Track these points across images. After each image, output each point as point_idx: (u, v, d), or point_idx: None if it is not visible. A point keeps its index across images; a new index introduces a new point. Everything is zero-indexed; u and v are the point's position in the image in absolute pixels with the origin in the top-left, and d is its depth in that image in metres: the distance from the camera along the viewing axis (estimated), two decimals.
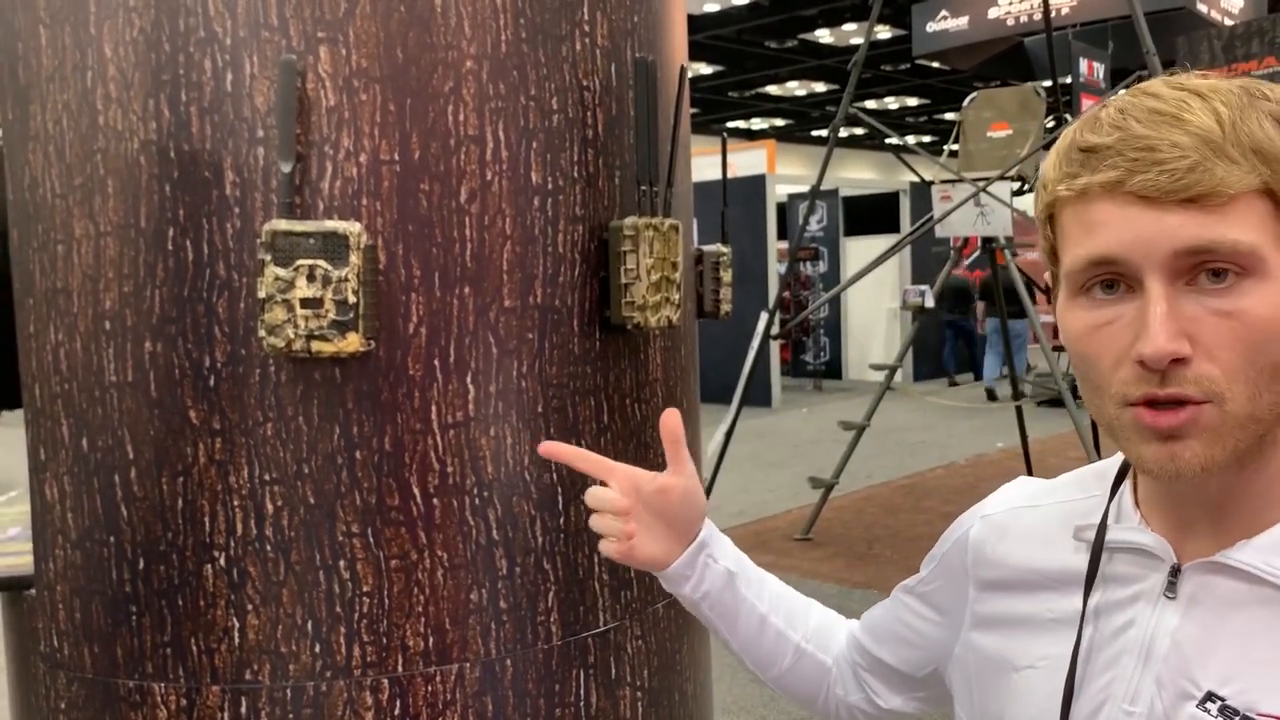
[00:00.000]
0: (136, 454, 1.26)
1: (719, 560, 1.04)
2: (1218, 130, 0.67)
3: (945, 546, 0.97)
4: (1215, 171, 0.66)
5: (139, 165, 1.24)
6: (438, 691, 1.28)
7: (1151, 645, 0.76)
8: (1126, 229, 0.68)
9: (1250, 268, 0.67)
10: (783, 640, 1.06)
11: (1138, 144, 0.68)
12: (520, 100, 1.31)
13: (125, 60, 1.23)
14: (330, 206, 1.23)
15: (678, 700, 1.53)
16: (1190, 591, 0.75)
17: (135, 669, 1.27)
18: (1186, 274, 0.68)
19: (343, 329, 1.17)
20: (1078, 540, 0.83)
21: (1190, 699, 0.73)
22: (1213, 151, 0.67)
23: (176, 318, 1.24)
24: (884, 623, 1.04)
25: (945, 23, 10.24)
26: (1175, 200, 0.67)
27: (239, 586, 1.25)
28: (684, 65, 1.57)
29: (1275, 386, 0.69)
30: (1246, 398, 0.68)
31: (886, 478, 8.16)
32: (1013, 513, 0.92)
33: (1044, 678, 0.82)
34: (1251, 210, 0.67)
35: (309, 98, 1.22)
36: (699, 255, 1.70)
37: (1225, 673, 0.72)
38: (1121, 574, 0.80)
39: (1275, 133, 0.68)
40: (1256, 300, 0.67)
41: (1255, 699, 0.70)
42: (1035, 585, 0.86)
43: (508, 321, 1.31)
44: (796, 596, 1.10)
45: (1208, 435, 0.69)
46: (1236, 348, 0.67)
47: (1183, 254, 0.67)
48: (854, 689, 1.06)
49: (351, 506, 1.25)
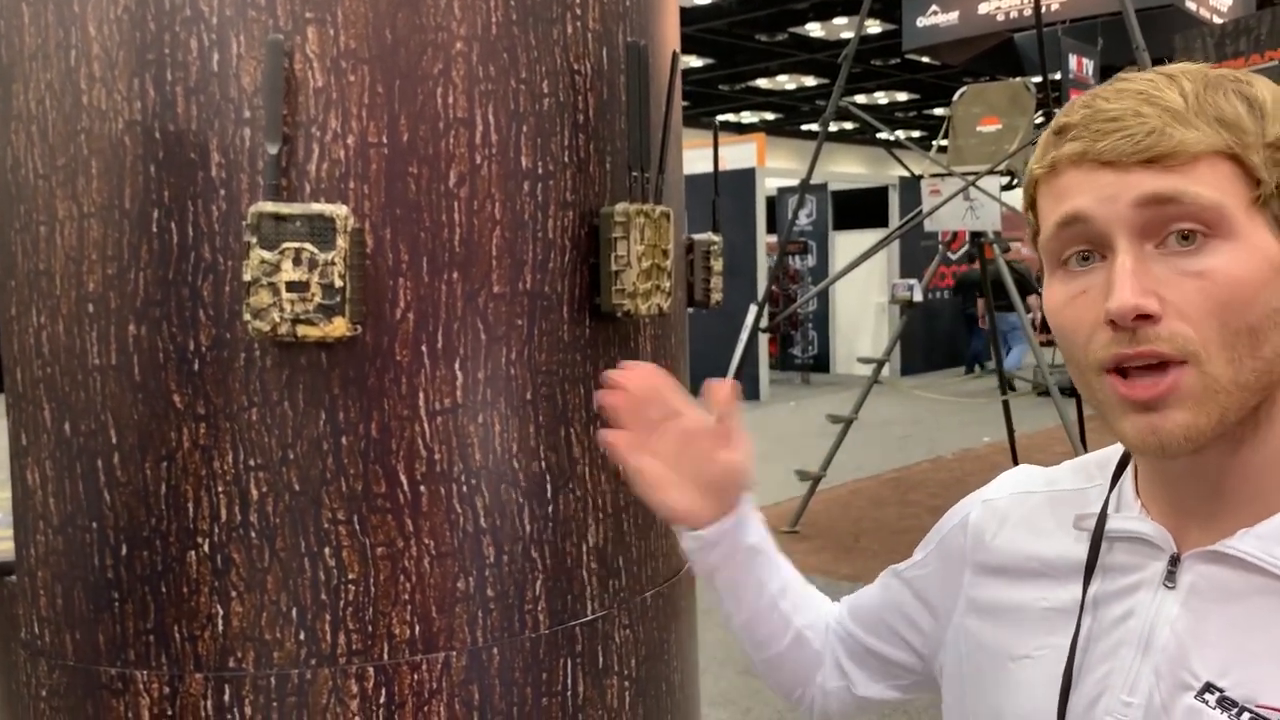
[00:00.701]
0: (119, 438, 1.24)
1: (749, 536, 1.03)
2: (1181, 102, 0.69)
3: (944, 530, 0.96)
4: (1175, 134, 0.68)
5: (123, 146, 1.22)
6: (424, 680, 1.27)
7: (1151, 635, 0.75)
8: (1092, 188, 0.70)
9: (1216, 226, 0.68)
10: (786, 623, 1.05)
11: (1103, 117, 0.70)
12: (510, 83, 1.29)
13: (109, 39, 1.22)
14: (317, 189, 1.21)
15: (665, 690, 1.52)
16: (1190, 581, 0.74)
17: (117, 656, 1.26)
18: (1155, 235, 0.69)
19: (329, 313, 1.15)
20: (1078, 529, 0.82)
21: (1189, 689, 0.72)
22: (1175, 119, 0.68)
23: (161, 301, 1.22)
24: (872, 609, 1.03)
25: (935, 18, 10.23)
26: (1137, 161, 0.68)
27: (223, 573, 1.23)
28: (676, 51, 1.55)
29: (1256, 352, 0.68)
30: (1225, 360, 0.68)
31: (874, 471, 8.18)
32: (1014, 499, 0.91)
33: (1041, 668, 0.81)
34: (1215, 171, 0.68)
35: (296, 78, 1.20)
36: (690, 244, 1.69)
37: (1224, 663, 0.71)
38: (1121, 563, 0.79)
39: (1242, 107, 0.69)
40: (1226, 260, 0.67)
41: (1254, 690, 0.69)
42: (1034, 573, 0.85)
43: (496, 307, 1.30)
44: (804, 583, 1.09)
45: (1190, 402, 0.68)
46: (1208, 307, 0.67)
47: (1147, 202, 0.68)
48: (833, 675, 1.05)
49: (337, 493, 1.24)
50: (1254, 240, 0.68)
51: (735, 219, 11.97)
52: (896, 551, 1.08)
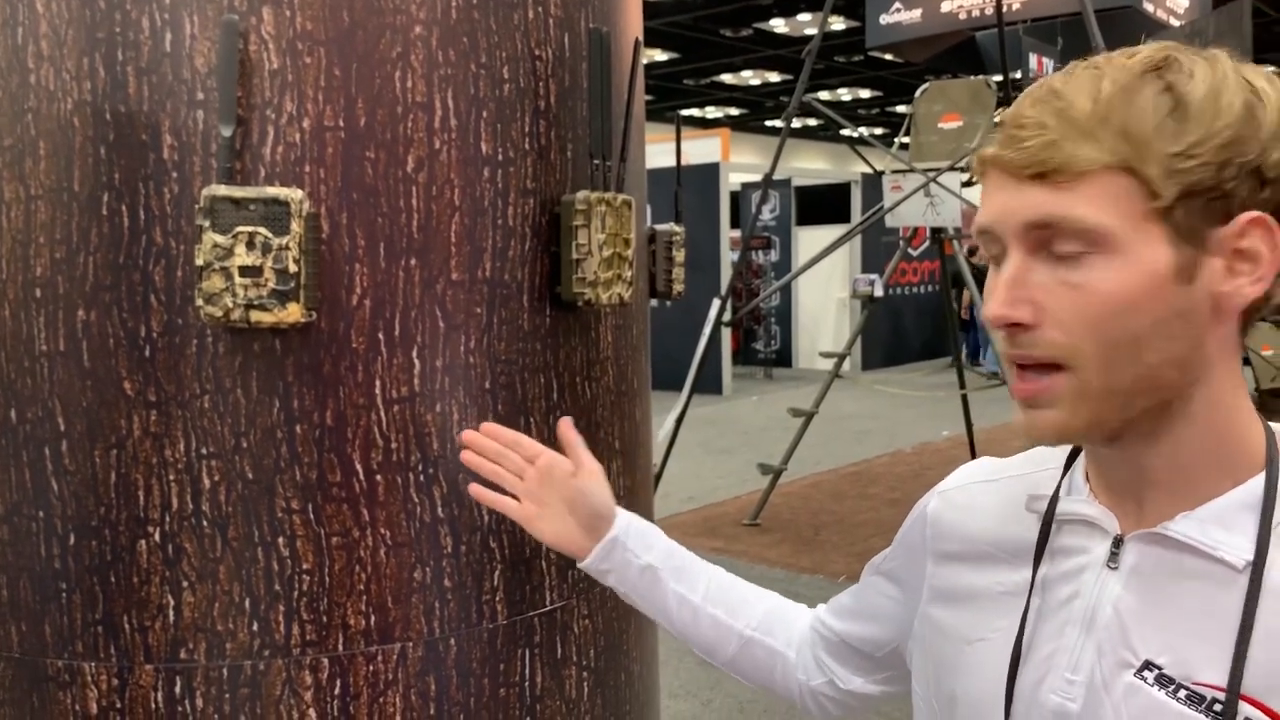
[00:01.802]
0: (68, 426, 1.22)
1: (640, 556, 1.12)
2: (1087, 110, 0.70)
3: (906, 526, 0.99)
4: (1066, 149, 0.70)
5: (72, 126, 1.19)
6: (379, 671, 1.26)
7: (1094, 615, 0.77)
8: (996, 201, 0.74)
9: (1098, 244, 0.70)
10: (724, 629, 1.10)
11: (1018, 122, 0.72)
12: (470, 68, 1.28)
13: (58, 16, 1.19)
14: (272, 173, 1.19)
15: (624, 680, 1.52)
16: (1132, 562, 0.76)
17: (64, 648, 1.23)
18: (1044, 245, 0.72)
19: (283, 299, 1.14)
20: (1029, 511, 0.84)
21: (1129, 667, 0.74)
22: (1073, 130, 0.70)
23: (111, 285, 1.20)
24: (850, 604, 1.06)
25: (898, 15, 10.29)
26: (1029, 175, 0.71)
27: (174, 563, 1.21)
28: (638, 39, 1.55)
29: (1138, 359, 0.71)
30: (1099, 368, 0.71)
31: (834, 465, 8.23)
32: (968, 489, 0.93)
33: (994, 650, 0.83)
34: (1104, 188, 0.69)
35: (251, 60, 1.18)
36: (652, 234, 1.68)
37: (1163, 642, 0.73)
38: (1069, 545, 0.81)
39: (1156, 113, 0.69)
40: (1101, 275, 0.70)
41: (1191, 669, 0.72)
42: (989, 558, 0.87)
43: (455, 295, 1.28)
44: (743, 587, 1.14)
45: (1062, 404, 0.72)
46: (1082, 319, 0.71)
47: (1031, 227, 0.71)
48: (816, 673, 1.08)
49: (291, 482, 1.22)
50: (1140, 254, 0.70)
51: (699, 214, 11.98)
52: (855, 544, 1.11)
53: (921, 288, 14.99)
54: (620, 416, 1.51)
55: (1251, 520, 0.72)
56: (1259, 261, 0.71)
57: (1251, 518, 0.72)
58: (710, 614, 1.10)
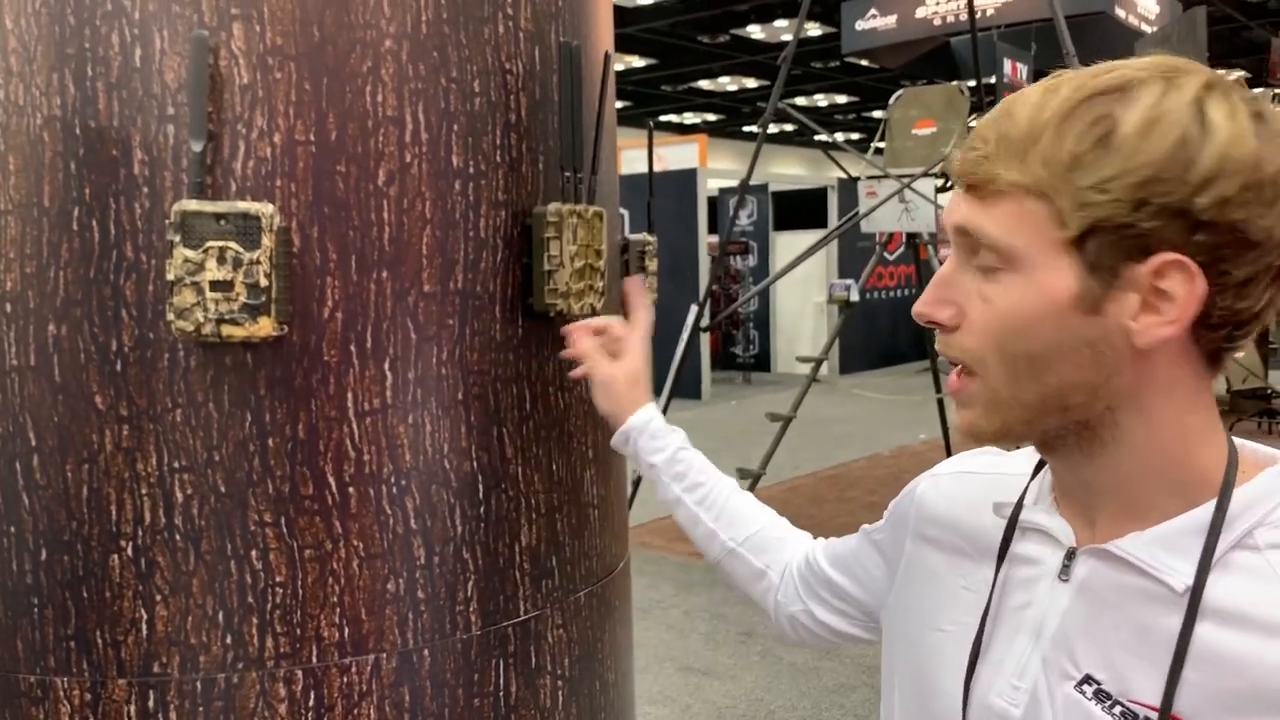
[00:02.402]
0: (39, 440, 1.22)
1: (649, 455, 1.25)
2: (1024, 129, 0.72)
3: (898, 499, 1.03)
4: (991, 167, 0.72)
5: (42, 142, 1.20)
6: (353, 682, 1.26)
7: (1043, 624, 0.79)
8: (951, 199, 0.78)
9: (1008, 261, 0.73)
10: (712, 537, 1.21)
11: (975, 132, 0.77)
12: (441, 82, 1.29)
13: (27, 32, 1.19)
14: (243, 187, 1.20)
15: (599, 689, 1.53)
16: (1082, 576, 0.78)
17: (36, 663, 1.23)
18: (973, 254, 0.75)
19: (254, 313, 1.14)
20: (996, 516, 0.86)
21: (1070, 679, 0.76)
22: (1005, 149, 0.72)
23: (82, 300, 1.20)
24: (843, 556, 1.11)
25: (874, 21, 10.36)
26: (964, 185, 0.75)
27: (147, 577, 1.21)
28: (608, 52, 1.56)
29: (1039, 378, 0.73)
30: (1005, 379, 0.74)
31: (813, 469, 8.26)
32: (957, 476, 0.96)
33: (951, 643, 0.86)
34: (1019, 209, 0.71)
35: (222, 75, 1.19)
36: (624, 244, 1.69)
37: (1103, 657, 0.75)
38: (1028, 553, 0.83)
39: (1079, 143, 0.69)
40: (1005, 290, 0.73)
41: (1127, 686, 0.73)
42: (956, 549, 0.90)
43: (427, 307, 1.29)
44: (743, 502, 1.23)
45: (977, 406, 0.77)
46: (984, 329, 0.75)
47: (958, 232, 0.76)
48: (794, 600, 1.14)
49: (264, 495, 1.22)
50: (1045, 278, 0.71)
51: (677, 219, 12.01)
52: None
53: (898, 291, 15.07)
54: (594, 425, 1.52)
55: (1197, 545, 0.72)
56: (1172, 303, 0.70)
57: (1197, 543, 0.72)
58: (704, 521, 1.21)
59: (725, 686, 4.44)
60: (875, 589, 1.04)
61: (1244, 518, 0.72)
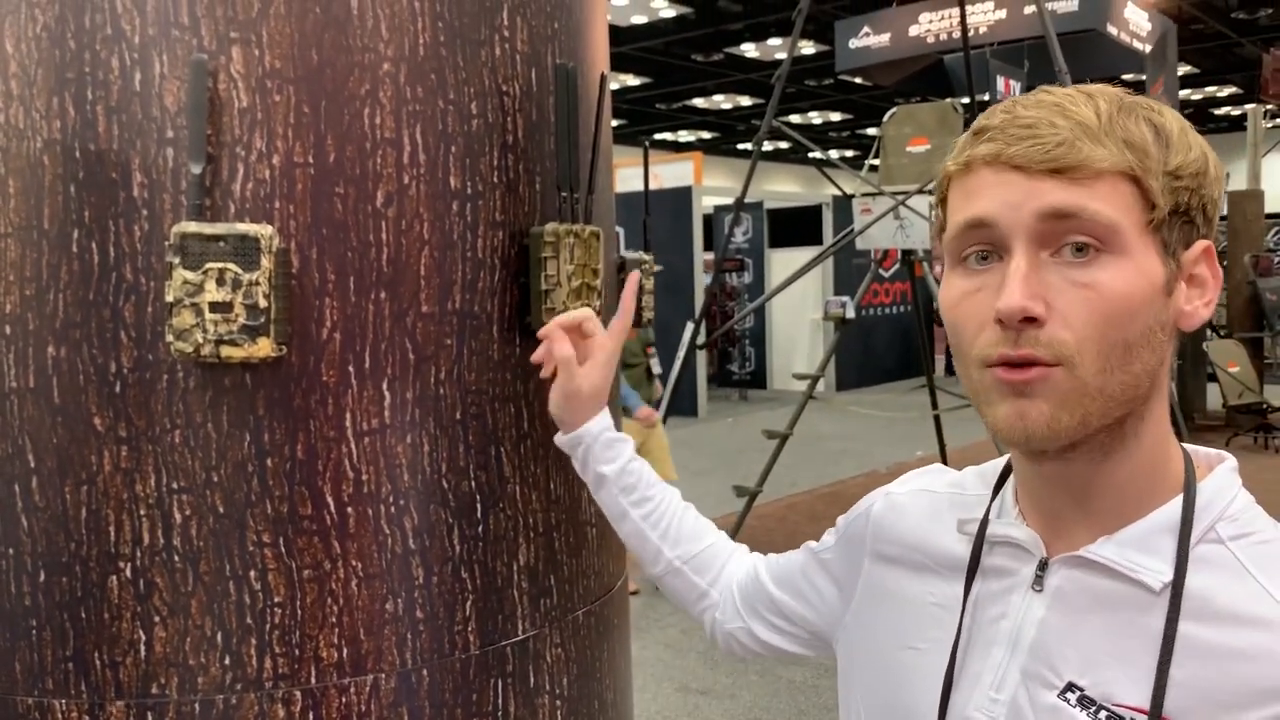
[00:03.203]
0: (38, 462, 1.22)
1: (596, 465, 1.19)
2: (1094, 119, 0.72)
3: (851, 517, 1.02)
4: (1083, 149, 0.71)
5: (42, 165, 1.20)
6: (352, 703, 1.26)
7: (1019, 636, 0.79)
8: (1000, 192, 0.73)
9: (1109, 242, 0.71)
10: (658, 554, 1.18)
11: (1020, 123, 0.73)
12: (439, 104, 1.30)
13: (28, 57, 1.20)
14: (242, 209, 1.20)
15: (597, 708, 1.52)
16: (1056, 584, 0.78)
17: (35, 685, 1.23)
18: (1052, 244, 0.72)
19: (253, 334, 1.15)
20: (961, 533, 0.87)
21: (1052, 688, 0.76)
22: (1086, 134, 0.72)
23: (81, 322, 1.20)
24: (789, 572, 1.09)
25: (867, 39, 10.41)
26: (1045, 169, 0.71)
27: (145, 598, 1.21)
28: (604, 73, 1.57)
29: (1127, 365, 0.72)
30: (1097, 369, 0.72)
31: (809, 486, 8.26)
32: (913, 494, 0.96)
33: (925, 660, 0.85)
34: (1116, 190, 0.72)
35: (221, 98, 1.20)
36: (621, 263, 1.70)
37: (1084, 663, 0.75)
38: (998, 567, 0.83)
39: (1149, 133, 0.73)
40: (1113, 275, 0.71)
41: (1111, 690, 0.73)
42: (922, 567, 0.90)
43: (425, 327, 1.30)
44: (692, 522, 1.20)
45: (1056, 398, 0.72)
46: (1090, 318, 0.71)
47: (1047, 216, 0.72)
48: (733, 617, 1.13)
49: (262, 515, 1.22)
50: (1142, 260, 0.72)
51: (673, 236, 12.04)
52: None
53: (893, 308, 15.10)
54: None
55: (1170, 542, 0.74)
56: (1206, 287, 0.76)
57: (1171, 540, 0.74)
58: (647, 535, 1.18)
59: (723, 706, 4.43)
60: (824, 608, 1.03)
61: (1206, 513, 0.75)
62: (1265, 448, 9.64)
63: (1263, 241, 11.79)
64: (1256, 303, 11.11)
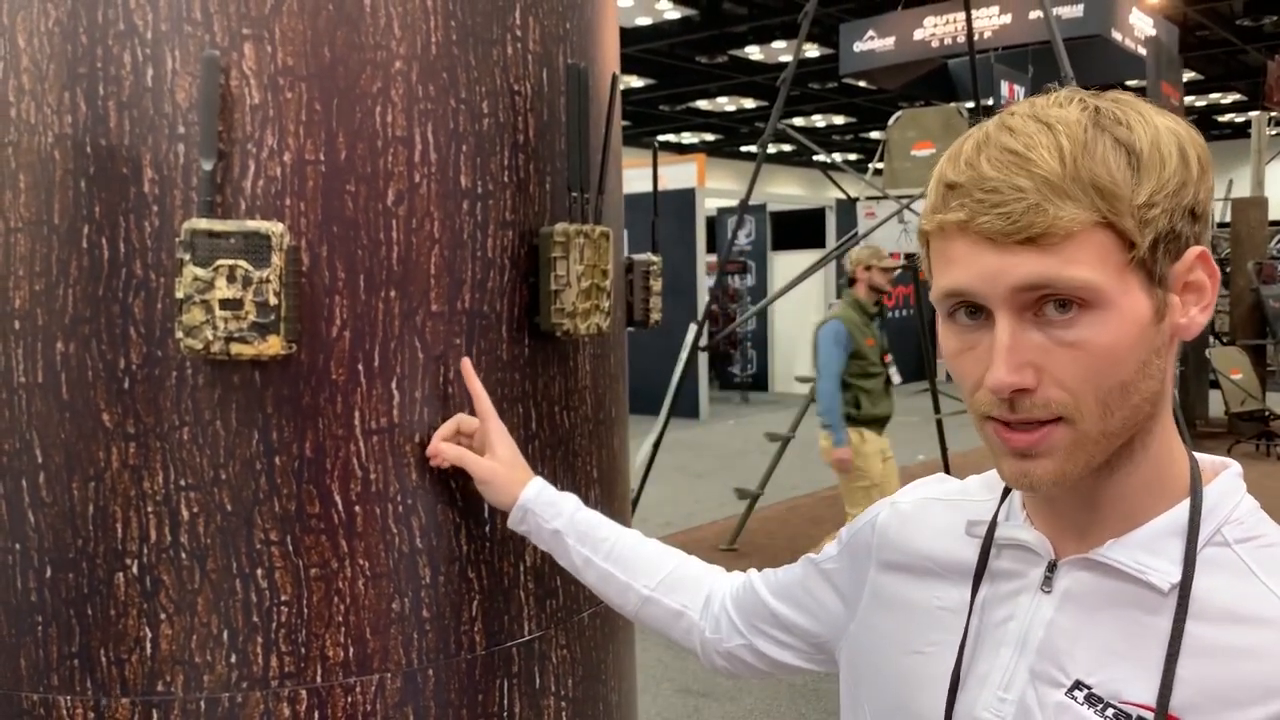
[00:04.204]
0: (46, 458, 1.22)
1: (549, 521, 1.22)
2: (1058, 170, 0.70)
3: (856, 527, 1.03)
4: (1050, 212, 0.70)
5: (53, 160, 1.20)
6: (358, 702, 1.26)
7: (1027, 636, 0.81)
8: (975, 265, 0.73)
9: (1090, 300, 0.71)
10: (625, 589, 1.19)
11: (985, 185, 0.72)
12: (450, 103, 1.29)
13: (40, 52, 1.20)
14: (252, 206, 1.20)
15: (602, 710, 1.52)
16: (1065, 586, 0.80)
17: (40, 681, 1.23)
18: (1032, 306, 0.72)
19: (263, 331, 1.14)
20: (969, 536, 0.88)
21: (1060, 687, 0.78)
22: (1052, 191, 0.70)
23: (90, 318, 1.20)
24: (786, 588, 1.10)
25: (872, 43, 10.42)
26: (1015, 240, 0.71)
27: (152, 595, 1.21)
28: (616, 73, 1.57)
29: (1126, 402, 0.74)
30: (1098, 417, 0.73)
31: (811, 489, 8.25)
32: (920, 503, 0.97)
33: (932, 663, 0.87)
34: (1089, 245, 0.71)
35: (232, 95, 1.19)
36: (629, 264, 1.70)
37: (1092, 663, 0.77)
38: (1006, 569, 0.85)
39: (1118, 167, 0.71)
40: (1098, 330, 0.71)
41: (1119, 688, 0.75)
42: (930, 573, 0.91)
43: (434, 326, 1.29)
44: (650, 549, 1.22)
45: (1060, 453, 0.74)
46: (1082, 374, 0.72)
47: (1023, 289, 0.72)
48: (732, 635, 1.13)
49: (270, 513, 1.22)
50: (1125, 305, 0.72)
51: (676, 239, 12.04)
52: None
53: (896, 312, 15.10)
54: (598, 445, 1.52)
55: (1178, 545, 0.76)
56: (1204, 291, 0.76)
57: (1178, 542, 0.76)
58: (612, 574, 1.19)
59: (725, 708, 4.42)
60: (828, 619, 1.03)
61: (1211, 517, 0.77)
62: (1267, 455, 9.63)
63: (1266, 249, 11.78)
64: (1259, 310, 11.11)
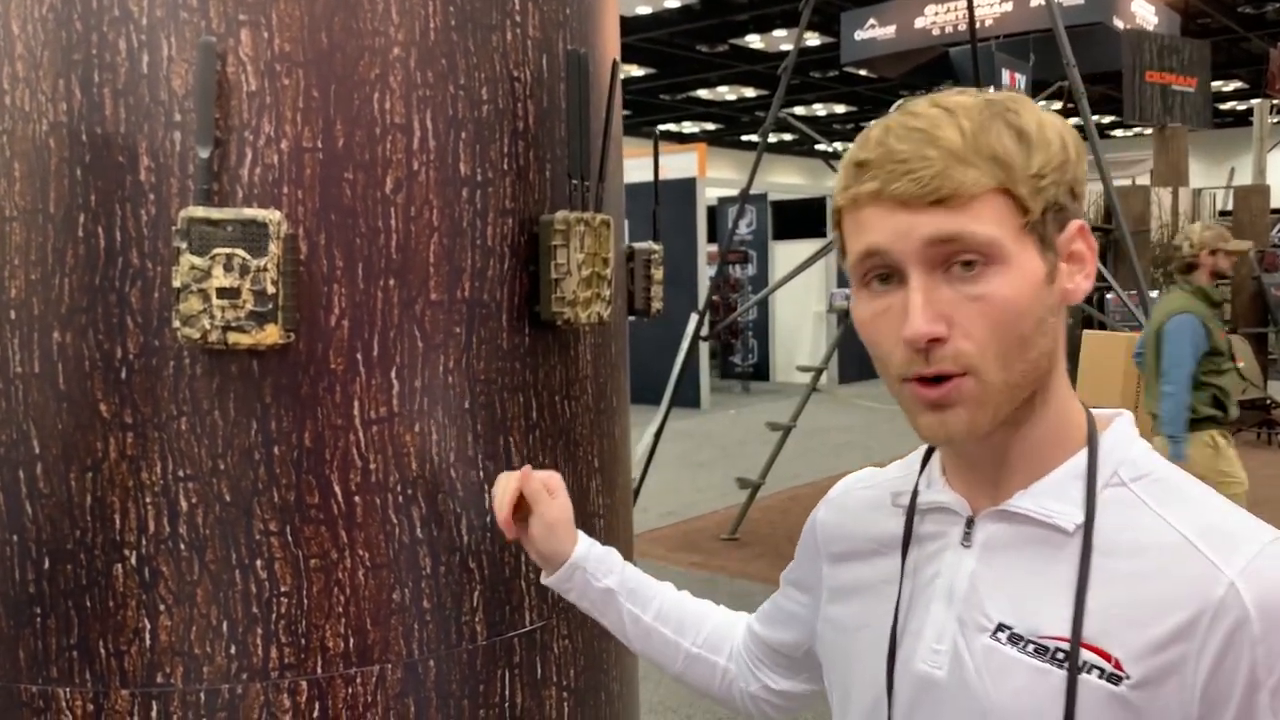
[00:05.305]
0: (43, 448, 1.21)
1: (600, 579, 1.18)
2: (960, 142, 0.79)
3: (803, 533, 1.09)
4: (956, 176, 0.78)
5: (48, 148, 1.19)
6: (358, 693, 1.25)
7: (953, 588, 0.87)
8: (888, 226, 0.81)
9: (992, 255, 0.79)
10: (671, 646, 1.19)
11: (895, 157, 0.80)
12: (449, 89, 1.28)
13: (34, 38, 1.18)
14: (250, 194, 1.19)
15: (604, 699, 1.51)
16: (982, 538, 0.87)
17: (39, 673, 1.22)
18: (942, 264, 0.80)
19: (261, 320, 1.13)
20: (895, 506, 0.95)
21: (985, 631, 0.84)
22: (956, 160, 0.79)
23: (87, 307, 1.19)
24: (770, 611, 1.15)
25: (873, 31, 10.39)
26: (925, 202, 0.79)
27: (151, 586, 1.20)
28: (616, 60, 1.55)
29: (1025, 356, 0.81)
30: (999, 368, 0.80)
31: (812, 478, 8.25)
32: (848, 493, 1.05)
33: (875, 634, 0.93)
34: (991, 207, 0.79)
35: (229, 81, 1.18)
36: (630, 252, 1.68)
37: (1011, 605, 0.83)
38: (931, 532, 0.91)
39: (1011, 143, 0.80)
40: (1000, 283, 0.79)
41: (1037, 624, 0.81)
42: (870, 553, 0.97)
43: (434, 315, 1.28)
44: (691, 605, 1.23)
45: (970, 403, 0.80)
46: (986, 325, 0.79)
47: (933, 242, 0.79)
48: (751, 679, 1.17)
49: (269, 504, 1.21)
50: (1023, 263, 0.80)
51: (676, 228, 12.01)
52: None
53: None
54: (599, 434, 1.52)
55: (1079, 488, 0.83)
56: (1085, 260, 0.85)
57: (1080, 486, 0.83)
58: (660, 632, 1.19)
59: None
60: (806, 625, 1.08)
61: (1108, 461, 0.84)
62: (1269, 443, 9.63)
63: (1268, 237, 11.75)
64: (1261, 298, 11.09)
